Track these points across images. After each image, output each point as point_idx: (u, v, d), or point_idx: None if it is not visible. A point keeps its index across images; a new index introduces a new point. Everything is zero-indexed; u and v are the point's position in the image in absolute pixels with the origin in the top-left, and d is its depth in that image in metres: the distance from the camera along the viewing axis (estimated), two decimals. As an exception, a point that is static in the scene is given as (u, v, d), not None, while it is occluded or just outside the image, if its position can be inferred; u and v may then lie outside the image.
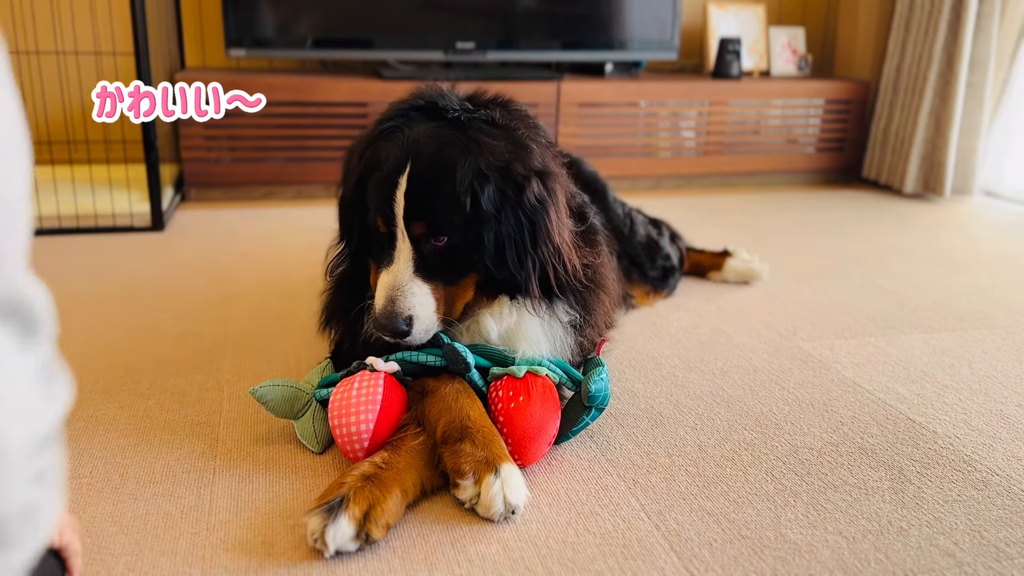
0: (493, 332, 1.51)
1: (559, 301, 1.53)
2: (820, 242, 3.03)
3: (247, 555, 1.18)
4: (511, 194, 1.44)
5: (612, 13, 3.84)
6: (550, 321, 1.53)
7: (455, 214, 1.41)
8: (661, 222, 2.46)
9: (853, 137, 4.11)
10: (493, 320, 1.51)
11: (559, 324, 1.55)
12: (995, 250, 2.98)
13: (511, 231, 1.43)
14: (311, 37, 3.49)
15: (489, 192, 1.42)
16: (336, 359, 1.64)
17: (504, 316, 1.51)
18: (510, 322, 1.52)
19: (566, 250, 1.51)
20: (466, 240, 1.43)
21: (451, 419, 1.35)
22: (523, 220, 1.44)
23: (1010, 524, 1.30)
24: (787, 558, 1.20)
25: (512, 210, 1.43)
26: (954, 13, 3.59)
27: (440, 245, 1.43)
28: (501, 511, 1.25)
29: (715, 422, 1.62)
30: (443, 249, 1.43)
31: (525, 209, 1.44)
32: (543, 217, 1.46)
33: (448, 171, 1.41)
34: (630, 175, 3.85)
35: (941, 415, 1.67)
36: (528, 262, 1.45)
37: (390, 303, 1.41)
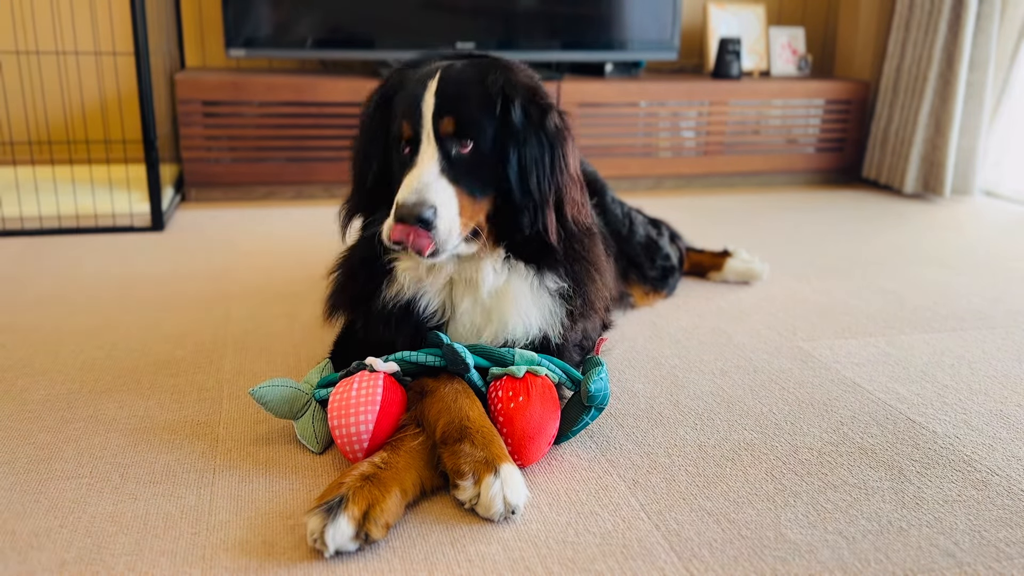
0: (486, 283, 1.51)
1: (548, 271, 1.54)
2: (820, 242, 3.03)
3: (247, 555, 1.18)
4: (535, 116, 1.48)
5: (612, 13, 3.84)
6: (539, 289, 1.54)
7: (484, 116, 1.45)
8: (661, 222, 2.46)
9: (853, 137, 4.11)
10: (491, 270, 1.51)
11: (547, 292, 1.55)
12: (995, 250, 2.98)
13: (534, 152, 1.47)
14: (311, 37, 3.49)
15: (518, 106, 1.47)
16: (336, 359, 1.64)
17: (497, 271, 1.52)
18: (500, 280, 1.52)
19: (579, 185, 1.57)
20: (491, 151, 1.46)
21: (450, 419, 1.35)
22: (545, 144, 1.48)
23: (1010, 524, 1.30)
24: (787, 558, 1.20)
25: (536, 132, 1.48)
26: (954, 13, 3.59)
27: (465, 152, 1.45)
28: (501, 511, 1.25)
29: (715, 422, 1.62)
30: (468, 157, 1.45)
31: (548, 133, 1.49)
32: (562, 145, 1.51)
33: (479, 75, 1.48)
34: (630, 175, 3.85)
35: (941, 415, 1.67)
36: (546, 186, 1.48)
37: (415, 193, 1.38)
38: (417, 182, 1.40)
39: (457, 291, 1.54)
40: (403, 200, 1.39)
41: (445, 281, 1.53)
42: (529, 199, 1.47)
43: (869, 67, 4.09)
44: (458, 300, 1.54)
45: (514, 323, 1.52)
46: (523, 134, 1.46)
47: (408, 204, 1.37)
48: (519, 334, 1.53)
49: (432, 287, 1.53)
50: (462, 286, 1.53)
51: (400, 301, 1.54)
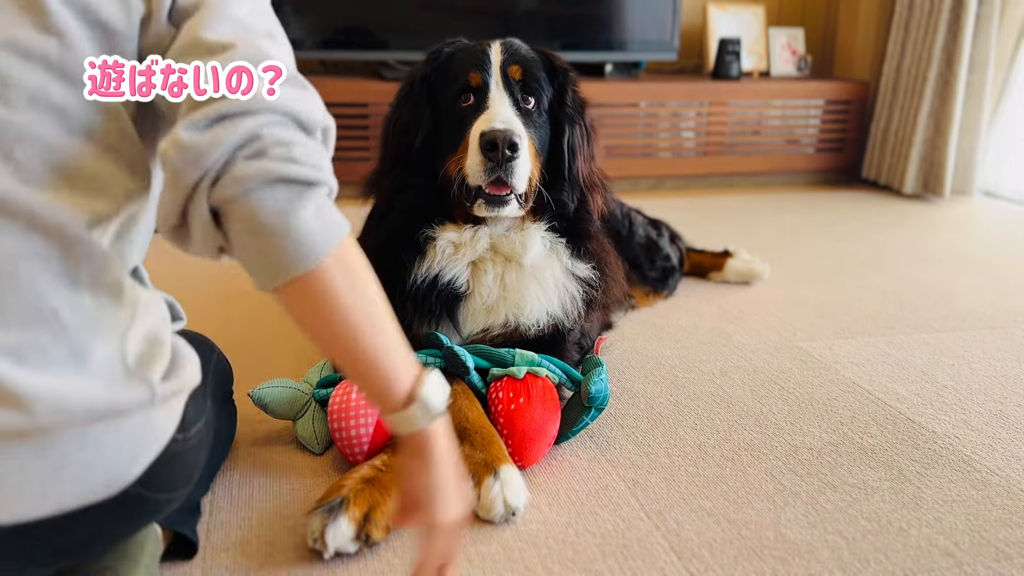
0: (530, 254, 1.55)
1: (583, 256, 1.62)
2: (820, 243, 3.04)
3: (247, 555, 1.18)
4: (581, 105, 1.64)
5: (612, 13, 3.84)
6: (569, 272, 1.60)
7: (545, 82, 1.58)
8: (661, 223, 2.46)
9: (853, 137, 4.11)
10: (538, 240, 1.57)
11: (574, 278, 1.61)
12: (995, 250, 2.98)
13: (580, 137, 1.60)
14: (311, 37, 3.49)
15: (571, 91, 1.62)
16: None
17: (539, 242, 1.58)
18: (542, 252, 1.57)
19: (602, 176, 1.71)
20: (548, 119, 1.59)
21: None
22: (587, 133, 1.62)
23: (1010, 524, 1.30)
24: (787, 558, 1.20)
25: (582, 119, 1.62)
26: (954, 14, 3.59)
27: (529, 107, 1.55)
28: (501, 513, 1.25)
29: (715, 422, 1.62)
30: (532, 111, 1.55)
31: (587, 125, 1.63)
32: (596, 139, 1.66)
33: (539, 52, 1.63)
34: (630, 175, 3.85)
35: (941, 415, 1.67)
36: (587, 170, 1.62)
37: (501, 122, 1.45)
38: (499, 115, 1.47)
39: (483, 268, 1.55)
40: (491, 126, 1.43)
41: (482, 252, 1.55)
42: (575, 178, 1.59)
43: (869, 67, 4.09)
44: (481, 277, 1.54)
45: (531, 305, 1.53)
46: (574, 117, 1.60)
47: (499, 128, 1.43)
48: (532, 318, 1.54)
49: (463, 260, 1.54)
50: (489, 262, 1.55)
51: (429, 277, 1.53)
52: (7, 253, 0.82)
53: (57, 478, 0.82)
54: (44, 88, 0.86)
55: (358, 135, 3.41)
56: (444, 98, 1.56)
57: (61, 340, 0.82)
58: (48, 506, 0.82)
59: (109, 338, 0.86)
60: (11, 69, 0.85)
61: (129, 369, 0.87)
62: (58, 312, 0.83)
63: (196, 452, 1.02)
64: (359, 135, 3.41)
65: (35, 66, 0.86)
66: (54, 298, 0.83)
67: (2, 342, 0.80)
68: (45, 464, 0.81)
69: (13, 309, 0.81)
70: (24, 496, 0.81)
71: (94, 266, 0.87)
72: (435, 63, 1.60)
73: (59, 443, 0.81)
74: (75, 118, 0.88)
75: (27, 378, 0.79)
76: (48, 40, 0.87)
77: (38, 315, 0.82)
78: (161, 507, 0.97)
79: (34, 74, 0.86)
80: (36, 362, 0.81)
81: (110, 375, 0.85)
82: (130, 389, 0.86)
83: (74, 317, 0.83)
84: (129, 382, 0.86)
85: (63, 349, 0.82)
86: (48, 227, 0.84)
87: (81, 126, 0.89)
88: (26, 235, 0.83)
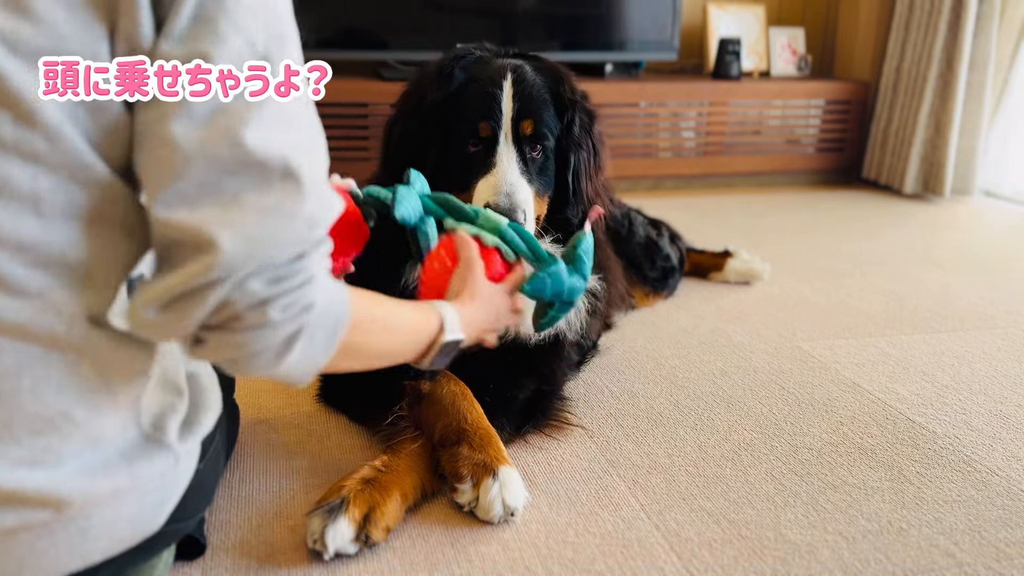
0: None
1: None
2: (820, 243, 3.03)
3: (247, 555, 1.18)
4: (587, 123, 1.61)
5: (612, 13, 3.84)
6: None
7: (556, 123, 1.56)
8: (661, 223, 2.46)
9: (853, 137, 4.11)
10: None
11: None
12: (995, 250, 2.98)
13: (585, 156, 1.59)
14: (312, 38, 3.49)
15: (578, 115, 1.58)
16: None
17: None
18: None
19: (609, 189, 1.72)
20: (555, 154, 1.57)
21: (448, 422, 1.35)
22: (592, 149, 1.60)
23: (1010, 524, 1.30)
24: (787, 558, 1.20)
25: (587, 137, 1.59)
26: (954, 14, 3.59)
27: (536, 155, 1.53)
28: (500, 514, 1.25)
29: (715, 422, 1.62)
30: (539, 159, 1.54)
31: (594, 139, 1.61)
32: (603, 151, 1.64)
33: (551, 82, 1.56)
34: (630, 175, 3.85)
35: (941, 415, 1.67)
36: (591, 187, 1.61)
37: (507, 196, 1.43)
38: (505, 184, 1.45)
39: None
40: (496, 200, 1.43)
41: None
42: (580, 198, 1.58)
43: (869, 67, 4.09)
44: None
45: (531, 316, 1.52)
46: (581, 142, 1.58)
47: (503, 207, 1.41)
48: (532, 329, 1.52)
49: None
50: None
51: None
52: (6, 371, 0.77)
53: (84, 541, 0.82)
54: (7, 176, 0.74)
55: (358, 135, 3.41)
56: (452, 136, 1.52)
57: (75, 436, 0.80)
58: (75, 564, 0.83)
59: (122, 411, 0.84)
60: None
61: (146, 435, 0.85)
62: (68, 413, 0.79)
63: (214, 469, 1.02)
64: (359, 135, 3.41)
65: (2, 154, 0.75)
66: (62, 402, 0.79)
67: (16, 456, 0.77)
68: (71, 534, 0.81)
69: (22, 423, 0.78)
70: (51, 558, 0.81)
71: (100, 355, 0.82)
72: (446, 89, 1.53)
73: (85, 513, 0.81)
74: (47, 201, 0.77)
75: (46, 478, 0.78)
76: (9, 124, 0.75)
77: (48, 423, 0.79)
78: (182, 533, 0.97)
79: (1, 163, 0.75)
80: (51, 462, 0.79)
81: (128, 448, 0.84)
82: (151, 459, 0.85)
83: (85, 411, 0.80)
84: (148, 448, 0.85)
85: (77, 443, 0.80)
86: (43, 337, 0.78)
87: (56, 208, 0.77)
88: (23, 348, 0.78)
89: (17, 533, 0.79)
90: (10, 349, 0.77)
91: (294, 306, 0.80)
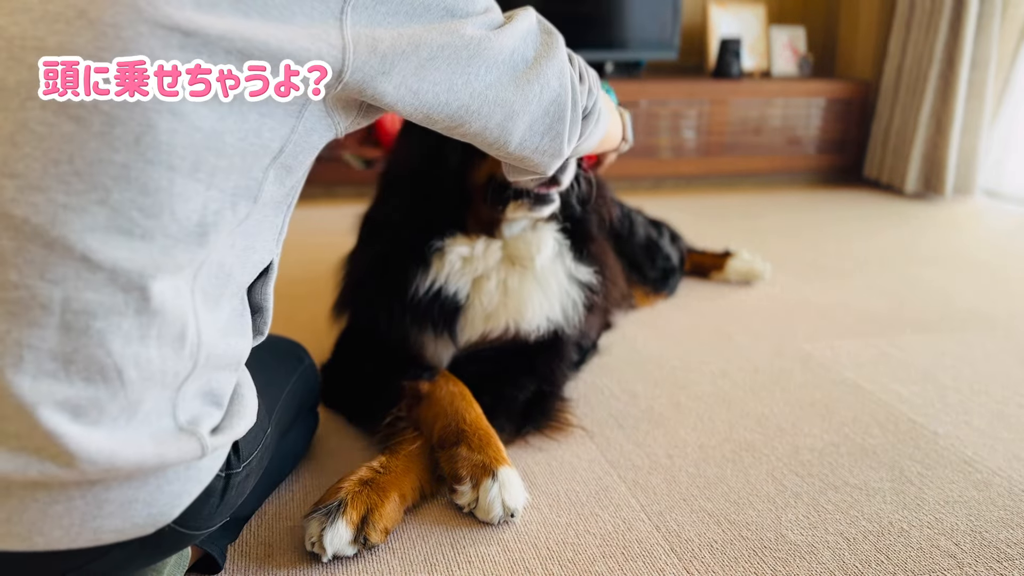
0: (543, 253, 1.55)
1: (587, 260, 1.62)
2: (821, 242, 3.03)
3: (245, 557, 1.18)
4: None
5: (612, 13, 3.83)
6: (572, 276, 1.60)
7: None
8: (661, 223, 2.46)
9: (854, 137, 4.10)
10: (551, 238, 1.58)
11: (577, 282, 1.60)
12: (996, 250, 2.98)
13: None
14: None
15: None
16: (337, 367, 1.61)
17: (552, 243, 1.58)
18: (551, 253, 1.57)
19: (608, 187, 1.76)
20: None
21: (447, 423, 1.34)
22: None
23: (1011, 525, 1.30)
24: (788, 559, 1.20)
25: None
26: (955, 13, 3.58)
27: None
28: (500, 515, 1.24)
29: (716, 423, 1.62)
30: None
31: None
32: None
33: None
34: (630, 175, 3.85)
35: (942, 416, 1.67)
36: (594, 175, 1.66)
37: None
38: None
39: (486, 275, 1.53)
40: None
41: (493, 265, 1.54)
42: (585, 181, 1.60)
43: (870, 67, 4.09)
44: (483, 284, 1.53)
45: (532, 310, 1.53)
46: None
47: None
48: (533, 324, 1.53)
49: (470, 275, 1.52)
50: (493, 270, 1.53)
51: (433, 289, 1.51)
52: (84, 308, 0.77)
53: (97, 515, 0.82)
54: (151, 124, 0.77)
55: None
56: None
57: (119, 397, 0.80)
58: (84, 539, 0.83)
59: (164, 391, 0.84)
60: (122, 108, 0.76)
61: (180, 426, 0.86)
62: (122, 371, 0.80)
63: (242, 485, 1.00)
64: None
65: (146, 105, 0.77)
66: (120, 357, 0.80)
67: (63, 396, 0.78)
68: (88, 503, 0.82)
69: (79, 365, 0.78)
70: (64, 527, 0.81)
71: (166, 322, 0.82)
72: None
73: (105, 484, 0.82)
74: (181, 155, 0.79)
75: (80, 435, 0.78)
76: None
77: (101, 373, 0.79)
78: (195, 539, 0.97)
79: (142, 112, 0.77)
80: (91, 418, 0.79)
81: (160, 430, 0.84)
82: (180, 445, 0.85)
83: (136, 375, 0.81)
84: (179, 437, 0.85)
85: (119, 405, 0.80)
86: (130, 285, 0.79)
87: (189, 163, 0.79)
88: (106, 291, 0.78)
89: (36, 491, 0.79)
90: (95, 287, 0.78)
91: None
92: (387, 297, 1.54)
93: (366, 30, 0.84)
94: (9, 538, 0.80)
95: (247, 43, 0.78)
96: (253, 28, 0.78)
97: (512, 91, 0.96)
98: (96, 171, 0.76)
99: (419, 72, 0.88)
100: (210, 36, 0.76)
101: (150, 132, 0.76)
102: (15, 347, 0.76)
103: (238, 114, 0.80)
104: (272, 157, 0.86)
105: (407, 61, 0.87)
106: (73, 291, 0.77)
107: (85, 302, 0.77)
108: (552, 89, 1.00)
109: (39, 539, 0.81)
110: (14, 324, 0.76)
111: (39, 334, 0.76)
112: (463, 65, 0.91)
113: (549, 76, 0.99)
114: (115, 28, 0.74)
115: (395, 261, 1.52)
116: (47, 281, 0.76)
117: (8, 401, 0.76)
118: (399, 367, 1.50)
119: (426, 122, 0.95)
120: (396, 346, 1.53)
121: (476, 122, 0.95)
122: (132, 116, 0.76)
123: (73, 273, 0.76)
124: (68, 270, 0.76)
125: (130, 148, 0.76)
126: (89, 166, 0.75)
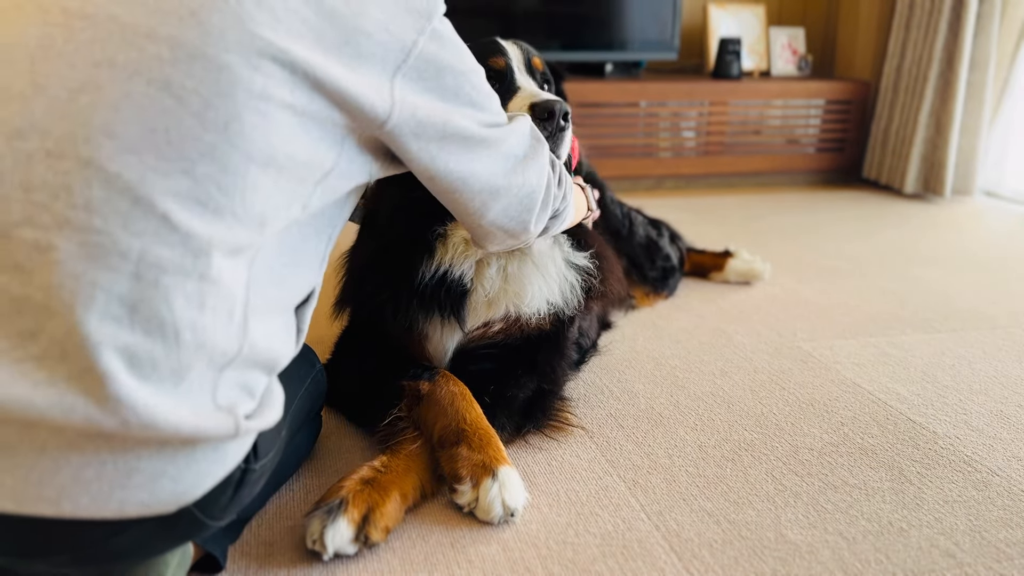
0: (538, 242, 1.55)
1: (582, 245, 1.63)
2: (821, 243, 3.03)
3: (246, 556, 1.18)
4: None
5: (612, 13, 3.84)
6: (569, 261, 1.60)
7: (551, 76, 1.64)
8: (661, 223, 2.46)
9: (853, 137, 4.11)
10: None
11: (574, 267, 1.60)
12: (995, 250, 2.98)
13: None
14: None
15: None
16: (340, 362, 1.62)
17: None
18: (547, 242, 1.57)
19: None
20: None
21: (447, 423, 1.34)
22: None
23: (1010, 525, 1.30)
24: (787, 559, 1.20)
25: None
26: (954, 13, 3.59)
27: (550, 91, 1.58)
28: (500, 515, 1.24)
29: (715, 422, 1.62)
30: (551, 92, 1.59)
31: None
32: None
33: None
34: (630, 175, 3.85)
35: (941, 416, 1.67)
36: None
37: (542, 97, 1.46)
38: (539, 92, 1.49)
39: (486, 259, 1.53)
40: (542, 97, 1.45)
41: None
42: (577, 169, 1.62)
43: (869, 67, 4.09)
44: (484, 269, 1.53)
45: (532, 294, 1.53)
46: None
47: (548, 99, 1.44)
48: (533, 307, 1.53)
49: (473, 257, 1.52)
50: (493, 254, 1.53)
51: (437, 274, 1.51)
52: (156, 262, 0.84)
53: (125, 485, 0.85)
54: (239, 116, 0.87)
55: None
56: None
57: (172, 357, 0.85)
58: (110, 510, 0.85)
59: (209, 368, 0.88)
60: (218, 87, 0.87)
61: (218, 405, 0.90)
62: (179, 332, 0.85)
63: (255, 484, 1.04)
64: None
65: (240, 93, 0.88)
66: (180, 317, 0.85)
67: (123, 342, 0.82)
68: (118, 470, 0.84)
69: (142, 315, 0.83)
70: (92, 494, 0.84)
71: (221, 295, 0.88)
72: None
73: (136, 453, 0.84)
74: (259, 148, 0.90)
75: (130, 385, 0.81)
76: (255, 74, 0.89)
77: (161, 328, 0.84)
78: (207, 529, 0.99)
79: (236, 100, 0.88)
80: (143, 372, 0.83)
81: (200, 403, 0.88)
82: (217, 421, 0.89)
83: (191, 338, 0.86)
84: (217, 414, 0.89)
85: (170, 366, 0.85)
86: (200, 250, 0.86)
87: (264, 157, 0.90)
88: (179, 250, 0.85)
89: (70, 451, 0.81)
90: (170, 246, 0.85)
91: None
92: (392, 286, 1.54)
93: (410, 96, 1.01)
94: (39, 502, 0.82)
95: (324, 73, 0.92)
96: (328, 64, 0.93)
97: (500, 178, 1.16)
98: (187, 145, 0.85)
99: (440, 142, 1.07)
100: (296, 59, 0.90)
101: (237, 121, 0.87)
102: (89, 287, 0.81)
103: (306, 128, 0.94)
104: (324, 173, 0.98)
105: (435, 130, 1.05)
106: (150, 245, 0.84)
107: (158, 257, 0.84)
108: (530, 184, 1.20)
109: (67, 504, 0.83)
110: (91, 266, 0.82)
111: (112, 278, 0.82)
112: (472, 147, 1.10)
113: (530, 174, 1.20)
114: (221, 31, 0.87)
115: (398, 250, 1.53)
116: (129, 232, 0.83)
117: (73, 338, 0.80)
118: (400, 365, 1.50)
119: (428, 182, 1.13)
120: (400, 335, 1.53)
121: (466, 192, 1.14)
122: (225, 105, 0.87)
123: (152, 229, 0.84)
124: (148, 225, 0.84)
125: (219, 131, 0.87)
126: (182, 139, 0.85)
